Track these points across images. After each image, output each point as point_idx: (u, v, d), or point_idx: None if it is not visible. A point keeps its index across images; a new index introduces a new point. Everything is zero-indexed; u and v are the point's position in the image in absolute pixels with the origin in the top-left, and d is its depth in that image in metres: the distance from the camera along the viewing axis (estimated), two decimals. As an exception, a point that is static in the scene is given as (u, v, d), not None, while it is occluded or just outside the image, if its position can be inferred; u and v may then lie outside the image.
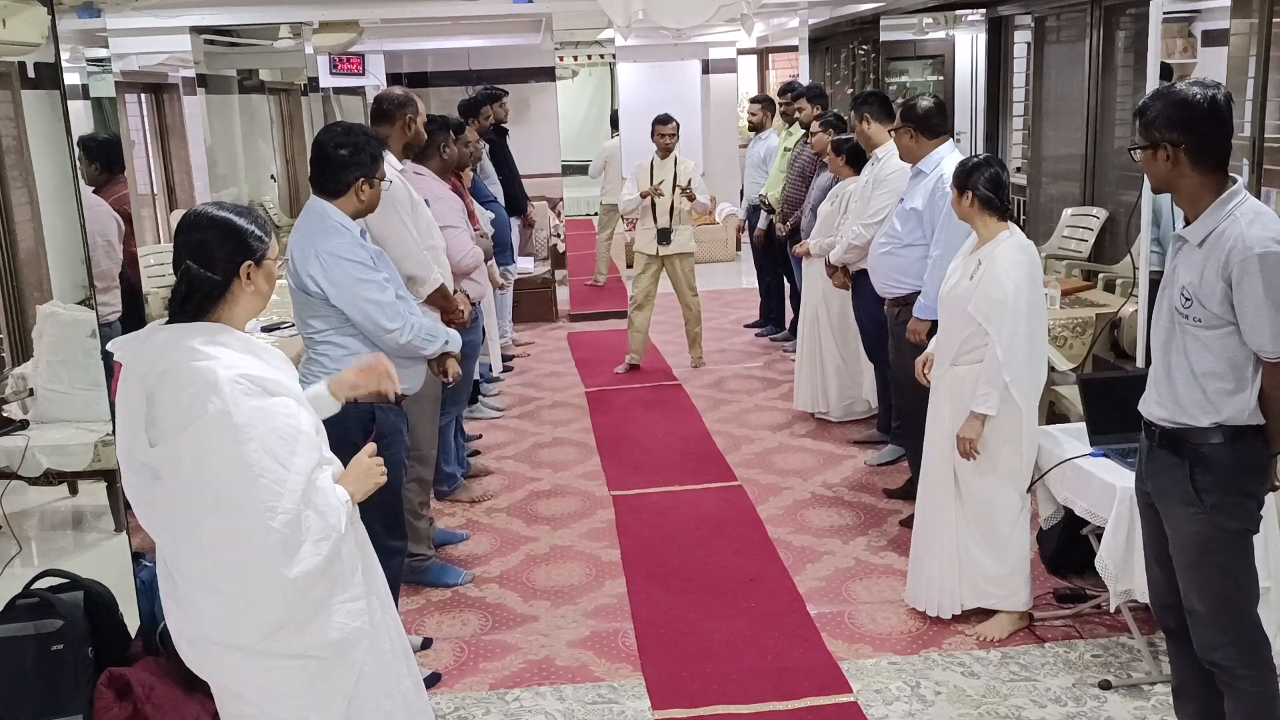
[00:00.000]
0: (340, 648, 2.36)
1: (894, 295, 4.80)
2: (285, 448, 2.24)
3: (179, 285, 2.29)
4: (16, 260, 4.31)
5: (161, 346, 2.26)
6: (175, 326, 2.30)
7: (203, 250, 2.29)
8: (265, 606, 2.24)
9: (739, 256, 12.19)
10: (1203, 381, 2.68)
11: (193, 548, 2.25)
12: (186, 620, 2.33)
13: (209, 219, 2.32)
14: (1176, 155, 2.64)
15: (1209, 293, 2.62)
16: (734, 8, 4.99)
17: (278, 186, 9.74)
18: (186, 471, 2.20)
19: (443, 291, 4.21)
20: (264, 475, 2.19)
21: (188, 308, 2.30)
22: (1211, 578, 2.76)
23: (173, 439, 2.20)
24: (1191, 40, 6.41)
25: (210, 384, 2.18)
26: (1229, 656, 2.78)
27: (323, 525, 2.28)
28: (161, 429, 2.22)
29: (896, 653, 3.84)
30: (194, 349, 2.22)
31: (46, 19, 3.57)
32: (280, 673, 2.33)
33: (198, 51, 7.72)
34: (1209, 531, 2.73)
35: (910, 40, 9.38)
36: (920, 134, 4.61)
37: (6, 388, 4.31)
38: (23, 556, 4.26)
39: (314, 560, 2.26)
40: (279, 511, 2.20)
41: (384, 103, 4.39)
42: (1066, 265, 6.44)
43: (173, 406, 2.21)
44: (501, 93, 8.48)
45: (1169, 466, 2.78)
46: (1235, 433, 2.68)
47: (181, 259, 2.29)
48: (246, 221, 2.34)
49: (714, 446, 6.07)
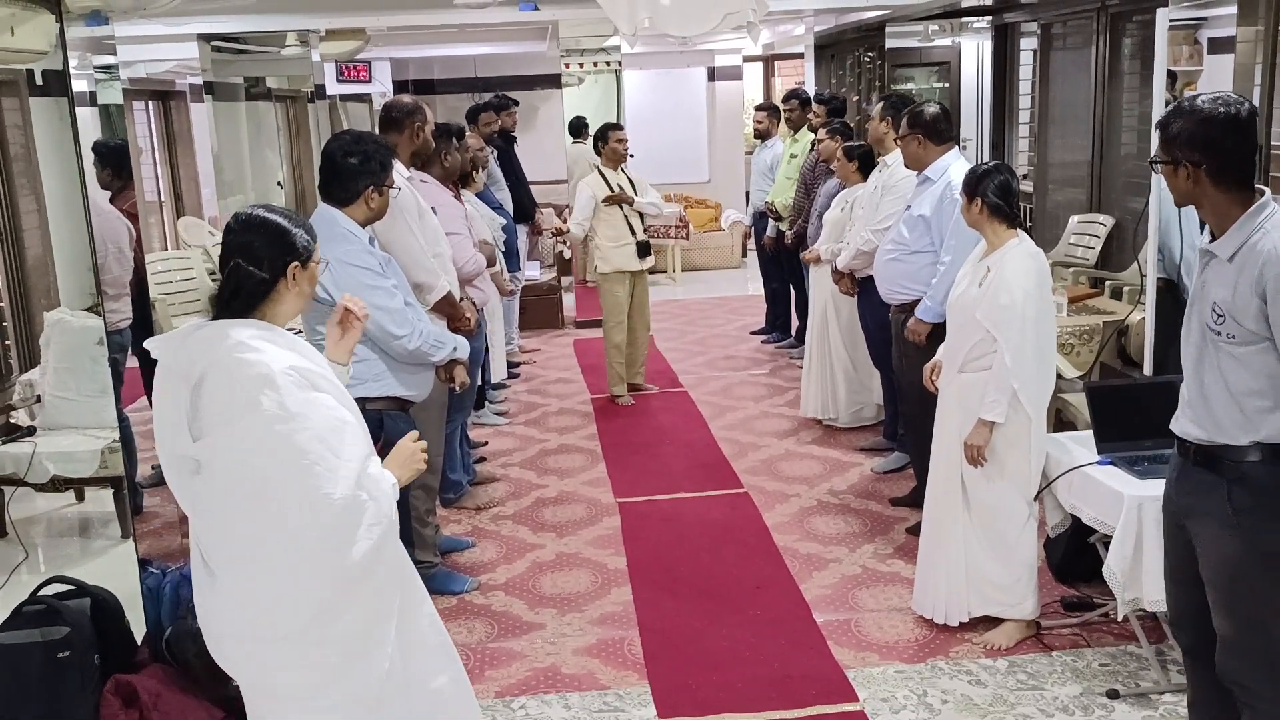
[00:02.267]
0: (369, 640, 2.39)
1: (899, 301, 4.79)
2: (336, 437, 2.28)
3: (226, 282, 2.34)
4: (24, 267, 4.32)
5: (206, 341, 2.28)
6: (220, 322, 2.32)
7: (252, 250, 2.34)
8: (315, 590, 2.29)
9: (745, 263, 12.20)
10: (1240, 400, 2.58)
11: (240, 537, 2.27)
12: (223, 616, 2.34)
13: (260, 220, 2.37)
14: (1197, 175, 2.58)
15: (1243, 308, 2.52)
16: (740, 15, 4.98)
17: (284, 193, 9.76)
18: (238, 461, 2.22)
19: (449, 299, 4.21)
20: (319, 463, 2.23)
21: (234, 304, 2.34)
22: (1244, 600, 2.67)
23: (222, 430, 2.23)
24: (1198, 47, 6.41)
25: (263, 376, 2.21)
26: (1254, 679, 2.69)
27: (375, 510, 2.33)
28: (207, 422, 2.24)
29: (903, 661, 3.83)
30: (241, 343, 2.25)
31: (55, 26, 3.58)
32: (313, 666, 2.35)
33: (205, 59, 7.75)
34: (1244, 552, 2.62)
35: (916, 47, 9.39)
36: (928, 140, 4.61)
37: (14, 394, 4.32)
38: (29, 563, 4.27)
39: (367, 544, 2.31)
40: (335, 497, 2.25)
41: (393, 110, 4.41)
42: (1073, 272, 6.42)
43: (221, 399, 2.23)
44: (511, 102, 8.51)
45: (1205, 485, 2.67)
46: (1275, 451, 2.57)
47: (230, 257, 2.34)
48: (294, 224, 2.40)
49: (720, 453, 6.06)
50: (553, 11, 7.71)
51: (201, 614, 2.39)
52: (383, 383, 3.52)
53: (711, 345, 8.68)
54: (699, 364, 8.06)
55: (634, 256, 6.87)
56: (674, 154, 12.70)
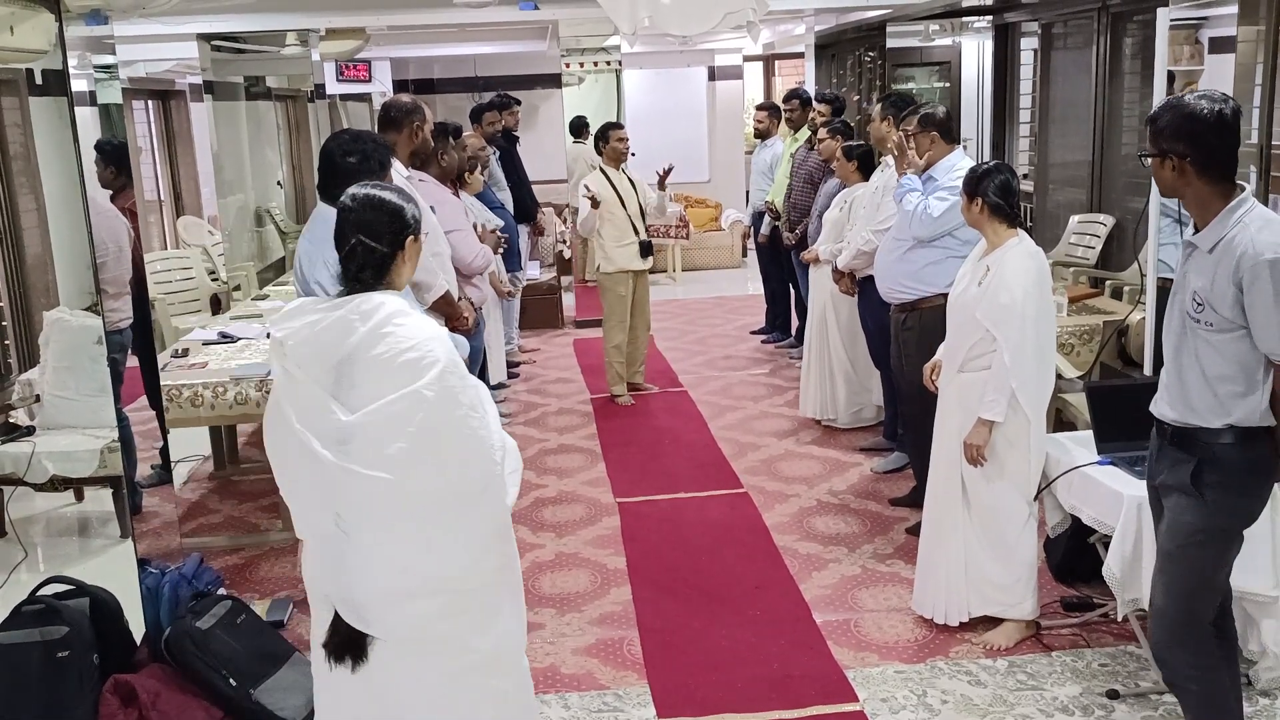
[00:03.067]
0: (513, 589, 2.60)
1: (899, 301, 4.79)
2: (479, 391, 2.48)
3: (351, 259, 2.46)
4: (24, 266, 4.32)
5: (358, 315, 2.38)
6: (364, 296, 2.42)
7: (373, 226, 2.47)
8: (478, 537, 2.46)
9: (745, 263, 12.20)
10: (1214, 384, 2.74)
11: (410, 493, 2.35)
12: (378, 578, 2.39)
13: (377, 199, 2.52)
14: (1183, 166, 2.71)
15: (1220, 298, 2.67)
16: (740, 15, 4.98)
17: (284, 193, 9.76)
18: (412, 421, 2.31)
19: (447, 298, 4.21)
20: (486, 415, 2.46)
21: (364, 277, 2.46)
22: (1186, 571, 2.84)
23: (396, 393, 2.31)
24: (1199, 47, 6.40)
25: (430, 337, 2.39)
26: (1179, 662, 2.88)
27: (515, 460, 2.57)
28: (370, 390, 2.33)
29: (903, 661, 3.83)
30: (397, 311, 2.39)
31: (54, 26, 3.58)
32: (462, 612, 2.48)
33: (205, 58, 7.75)
34: (1199, 524, 2.80)
35: (917, 47, 9.39)
36: (942, 139, 4.65)
37: (13, 394, 4.32)
38: (28, 563, 4.27)
39: (514, 490, 2.54)
40: (495, 445, 2.47)
41: (392, 110, 4.42)
42: (1074, 272, 6.42)
43: (390, 365, 2.34)
44: (514, 101, 8.50)
45: (1177, 462, 2.84)
46: (1245, 434, 2.74)
47: (349, 235, 2.47)
48: (404, 200, 2.55)
49: (720, 453, 6.06)
50: (553, 11, 7.70)
51: (340, 584, 2.42)
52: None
53: (711, 345, 8.68)
54: (699, 364, 8.06)
55: (637, 256, 6.88)
56: (674, 153, 12.64)
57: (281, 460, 2.45)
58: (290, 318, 2.44)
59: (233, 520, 5.37)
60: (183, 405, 4.80)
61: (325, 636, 2.47)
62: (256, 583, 4.66)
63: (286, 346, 2.38)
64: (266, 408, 2.47)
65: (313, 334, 2.39)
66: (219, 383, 4.84)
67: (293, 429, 2.34)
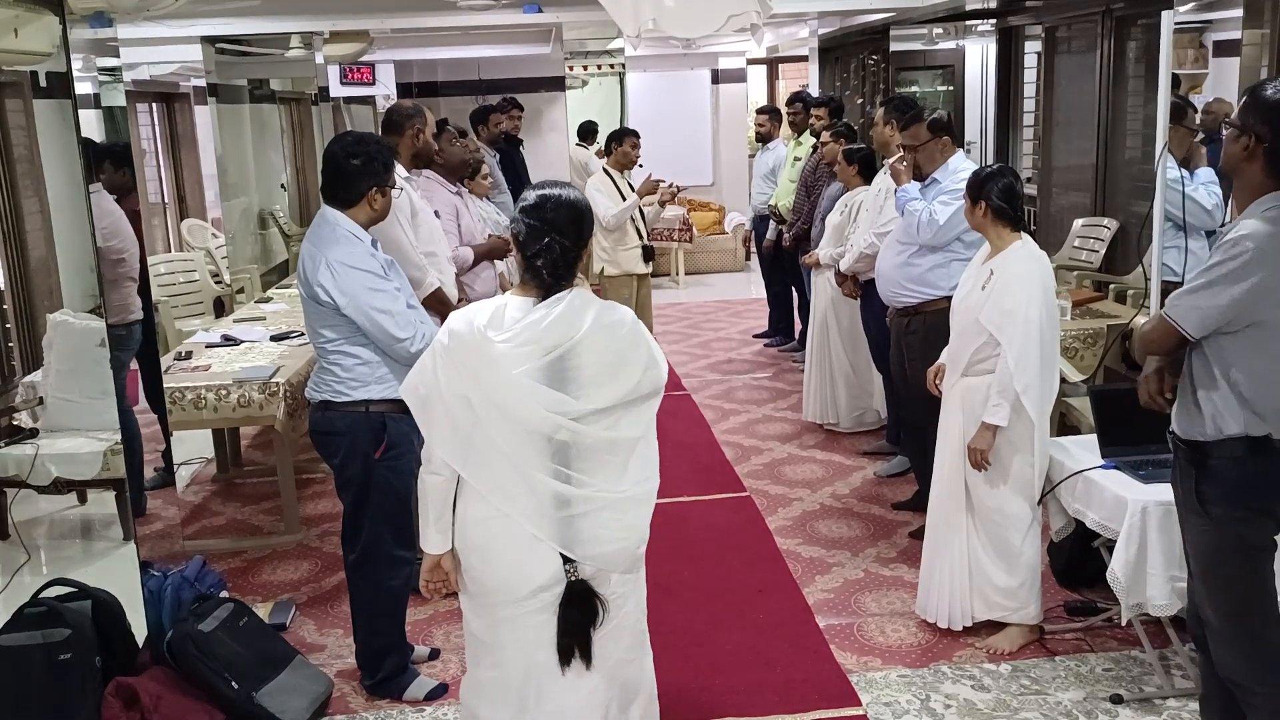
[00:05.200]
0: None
1: (901, 304, 4.78)
2: None
3: (548, 256, 2.59)
4: (27, 269, 4.32)
5: (575, 311, 2.58)
6: (574, 292, 2.61)
7: (563, 226, 2.61)
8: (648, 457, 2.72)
9: (748, 266, 12.19)
10: (1214, 393, 2.70)
11: (640, 456, 2.66)
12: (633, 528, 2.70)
13: (569, 200, 2.65)
14: (1256, 149, 2.65)
15: None
16: (744, 18, 4.97)
17: (288, 195, 9.77)
18: (645, 389, 2.63)
19: (440, 295, 4.20)
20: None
21: (564, 273, 2.62)
22: (1220, 591, 2.77)
23: (638, 371, 2.60)
24: (1203, 51, 6.40)
25: (635, 320, 2.66)
26: (1243, 674, 2.76)
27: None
28: (591, 375, 2.57)
29: (906, 665, 3.82)
30: (606, 306, 2.63)
31: (58, 28, 3.58)
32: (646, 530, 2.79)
33: (209, 61, 7.75)
34: (1216, 544, 2.73)
35: (920, 50, 9.37)
36: (952, 143, 4.68)
37: (16, 396, 4.32)
38: (31, 565, 4.27)
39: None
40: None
41: (394, 114, 4.49)
42: (1077, 276, 6.41)
43: (617, 350, 2.60)
44: (514, 104, 8.50)
45: (1183, 477, 2.81)
46: (1247, 444, 2.68)
47: (543, 234, 2.59)
48: (582, 197, 2.71)
49: (723, 457, 6.05)
50: (556, 14, 7.69)
51: (583, 540, 2.63)
52: (386, 385, 3.51)
53: (714, 348, 8.67)
54: (702, 367, 8.06)
55: (639, 259, 6.91)
56: (678, 157, 12.67)
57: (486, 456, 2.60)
58: (496, 326, 2.57)
59: (235, 523, 5.37)
60: (186, 408, 4.80)
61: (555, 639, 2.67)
62: (259, 586, 4.66)
63: (500, 349, 2.53)
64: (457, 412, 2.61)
65: (536, 333, 2.55)
66: (222, 385, 4.84)
67: (542, 417, 2.53)
